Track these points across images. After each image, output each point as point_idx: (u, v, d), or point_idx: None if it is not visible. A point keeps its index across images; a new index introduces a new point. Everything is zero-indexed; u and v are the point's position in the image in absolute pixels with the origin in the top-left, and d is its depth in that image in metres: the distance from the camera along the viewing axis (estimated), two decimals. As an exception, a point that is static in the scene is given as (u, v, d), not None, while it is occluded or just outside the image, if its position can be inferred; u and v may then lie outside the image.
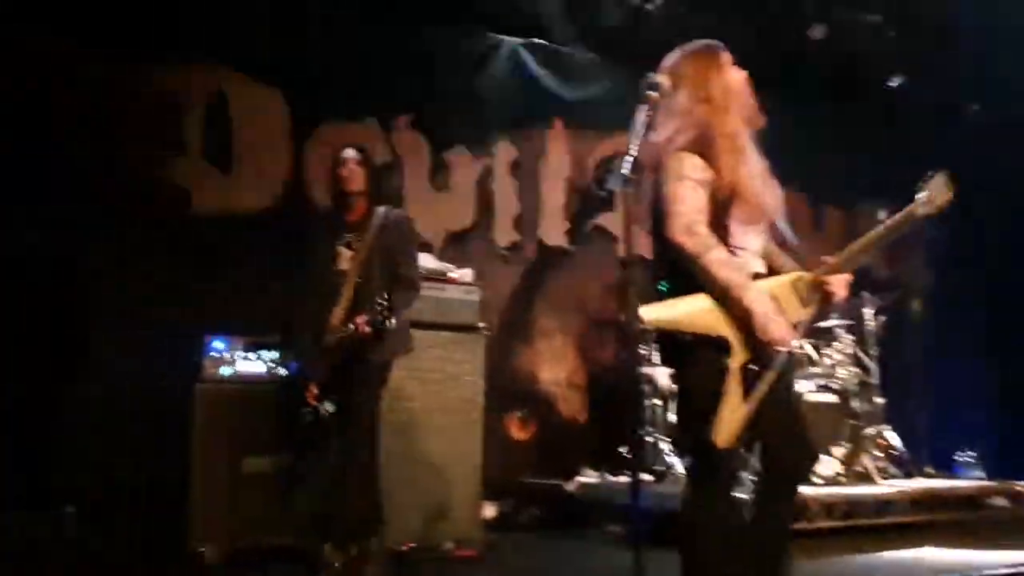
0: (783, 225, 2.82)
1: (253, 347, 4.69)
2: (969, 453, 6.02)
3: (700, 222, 2.57)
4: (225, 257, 5.27)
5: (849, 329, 5.85)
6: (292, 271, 4.51)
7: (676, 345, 2.66)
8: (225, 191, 5.50)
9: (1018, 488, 5.47)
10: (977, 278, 7.26)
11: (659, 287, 2.74)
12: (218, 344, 4.64)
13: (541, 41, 6.66)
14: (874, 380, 5.89)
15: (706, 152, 2.62)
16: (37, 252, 4.78)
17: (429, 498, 4.62)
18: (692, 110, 2.70)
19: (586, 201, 6.72)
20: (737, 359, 2.55)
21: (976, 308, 7.34)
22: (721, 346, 2.57)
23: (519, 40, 6.62)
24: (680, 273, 2.60)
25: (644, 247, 2.69)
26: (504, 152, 6.58)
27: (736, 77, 2.77)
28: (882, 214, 6.16)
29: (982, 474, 5.93)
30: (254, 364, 4.67)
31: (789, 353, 2.69)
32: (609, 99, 6.58)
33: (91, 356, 4.91)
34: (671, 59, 2.81)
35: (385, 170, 5.98)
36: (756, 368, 2.56)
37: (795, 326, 2.60)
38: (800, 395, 5.21)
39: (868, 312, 5.95)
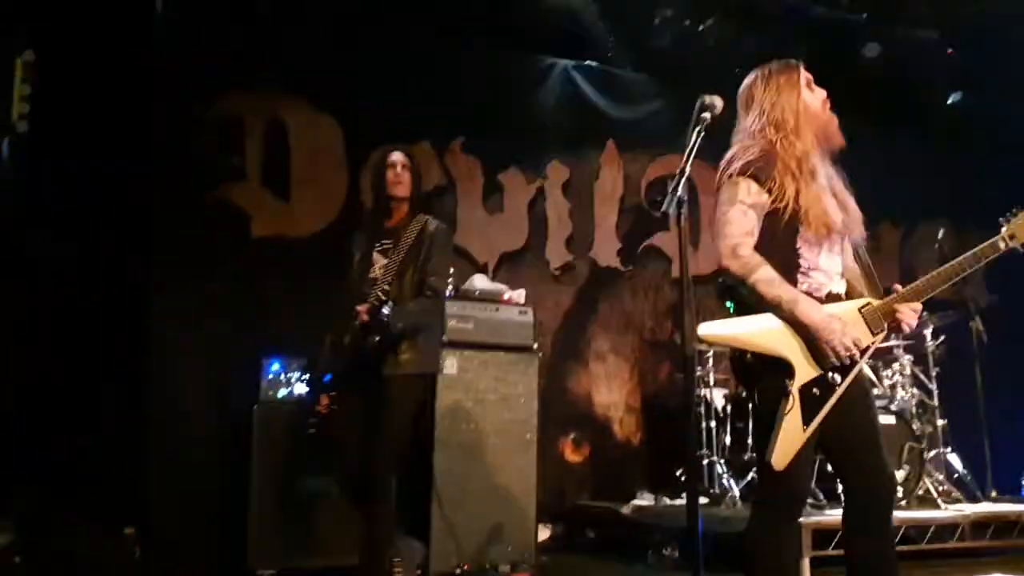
0: (862, 250, 2.80)
1: (309, 369, 4.77)
2: (1035, 476, 5.86)
3: (746, 244, 2.59)
4: (283, 280, 5.38)
5: (908, 350, 5.74)
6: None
7: (744, 365, 2.68)
8: (283, 216, 5.63)
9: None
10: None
11: (727, 305, 2.76)
12: (275, 367, 4.74)
13: (593, 63, 6.71)
14: (935, 402, 5.77)
15: (764, 175, 2.63)
16: (103, 275, 4.92)
17: (484, 520, 4.65)
18: (757, 132, 2.72)
19: (639, 222, 6.73)
20: (798, 381, 2.54)
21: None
22: (782, 367, 2.57)
23: (572, 62, 6.68)
24: (742, 294, 2.63)
25: (698, 267, 2.71)
26: (557, 173, 6.62)
27: (812, 98, 2.76)
28: (941, 232, 6.14)
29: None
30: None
31: (860, 373, 2.67)
32: (661, 120, 6.60)
33: (153, 379, 5.03)
34: (747, 79, 2.84)
35: (438, 192, 6.09)
36: (818, 391, 2.54)
37: (863, 350, 2.59)
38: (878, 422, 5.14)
39: (928, 333, 5.84)
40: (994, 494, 5.79)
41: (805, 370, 2.54)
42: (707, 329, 2.62)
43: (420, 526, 4.57)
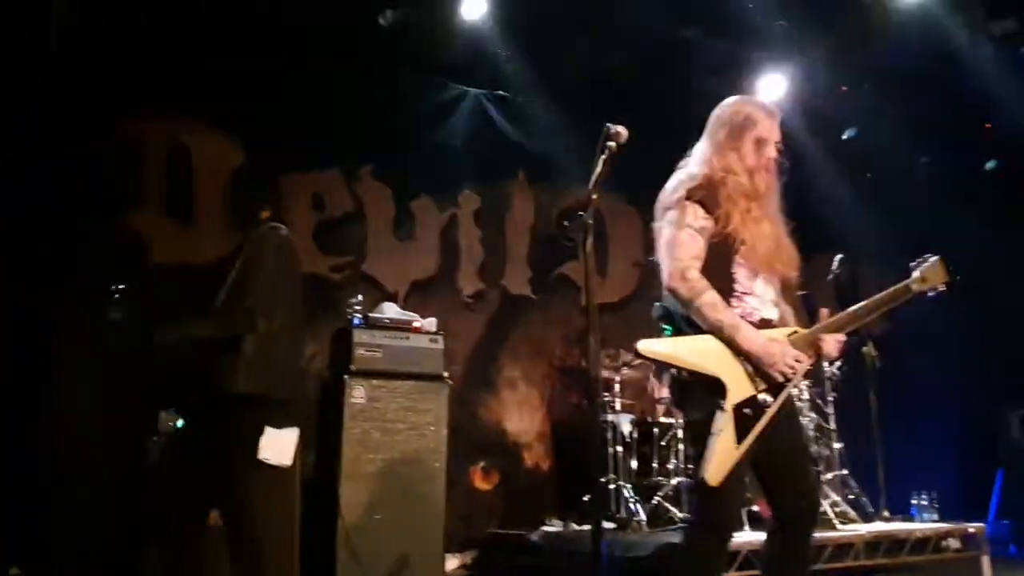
0: (792, 287, 2.92)
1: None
2: (924, 496, 6.11)
3: (693, 268, 2.70)
4: (184, 306, 5.23)
5: (807, 375, 5.94)
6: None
7: (680, 385, 2.78)
8: (185, 242, 5.49)
9: (970, 530, 5.56)
10: (932, 328, 7.45)
11: (663, 328, 2.84)
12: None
13: (505, 93, 6.79)
14: (832, 425, 5.99)
15: (711, 201, 2.74)
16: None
17: (391, 550, 4.60)
18: (710, 159, 2.85)
19: (550, 251, 6.81)
20: (731, 400, 2.61)
21: (930, 356, 7.52)
22: (716, 386, 2.65)
23: (483, 91, 6.75)
24: (682, 317, 2.74)
25: (605, 295, 2.80)
26: (469, 202, 6.66)
27: (758, 153, 2.85)
28: (836, 262, 6.40)
29: (936, 517, 6.02)
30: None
31: (788, 397, 2.77)
32: (573, 151, 6.71)
33: (47, 408, 4.83)
34: (716, 109, 2.95)
35: (347, 220, 6.06)
36: (751, 411, 2.62)
37: (799, 371, 2.69)
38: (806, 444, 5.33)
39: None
40: (886, 514, 6.02)
41: (738, 390, 2.63)
42: (646, 346, 2.69)
43: (325, 558, 4.49)
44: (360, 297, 5.17)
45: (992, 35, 6.25)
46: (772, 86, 6.69)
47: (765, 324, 2.74)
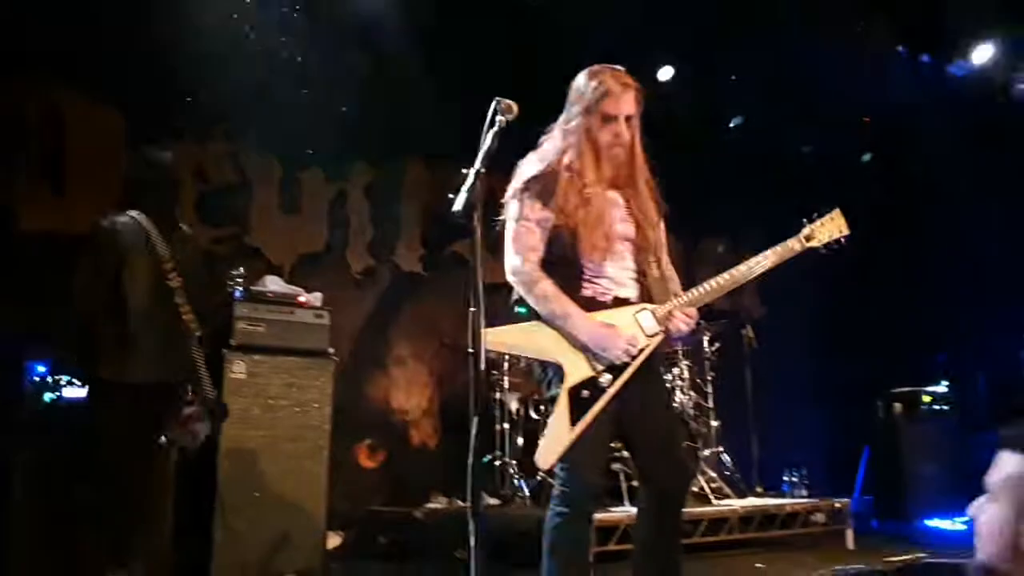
0: (662, 260, 2.92)
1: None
2: (795, 473, 6.40)
3: (529, 260, 2.73)
4: (54, 279, 4.98)
5: (687, 355, 6.13)
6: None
7: (540, 367, 2.79)
8: (56, 211, 5.21)
9: (837, 505, 5.86)
10: (806, 312, 7.79)
11: (518, 311, 2.86)
12: (41, 368, 4.38)
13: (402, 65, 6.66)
14: (710, 404, 6.19)
15: (548, 192, 2.74)
16: None
17: (271, 528, 4.49)
18: (561, 136, 2.83)
19: (443, 228, 6.77)
20: (568, 383, 2.65)
21: (804, 339, 7.86)
22: (555, 370, 2.69)
23: (380, 63, 6.59)
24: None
25: (499, 274, 2.79)
26: (360, 175, 6.55)
27: (607, 129, 2.78)
28: (721, 248, 6.62)
29: (805, 493, 6.31)
30: (82, 389, 4.42)
31: (657, 373, 2.82)
32: (470, 126, 6.65)
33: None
34: (579, 76, 2.87)
35: (231, 191, 5.88)
36: (588, 393, 2.66)
37: (638, 351, 2.72)
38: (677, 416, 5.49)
39: (705, 339, 6.26)
40: (759, 490, 6.27)
41: (575, 373, 2.67)
42: (491, 336, 2.69)
43: (201, 536, 4.37)
44: (242, 270, 5.02)
45: (867, 32, 6.51)
46: (663, 73, 6.81)
47: (621, 303, 2.78)
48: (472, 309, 2.54)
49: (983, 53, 6.93)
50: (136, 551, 3.48)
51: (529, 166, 2.82)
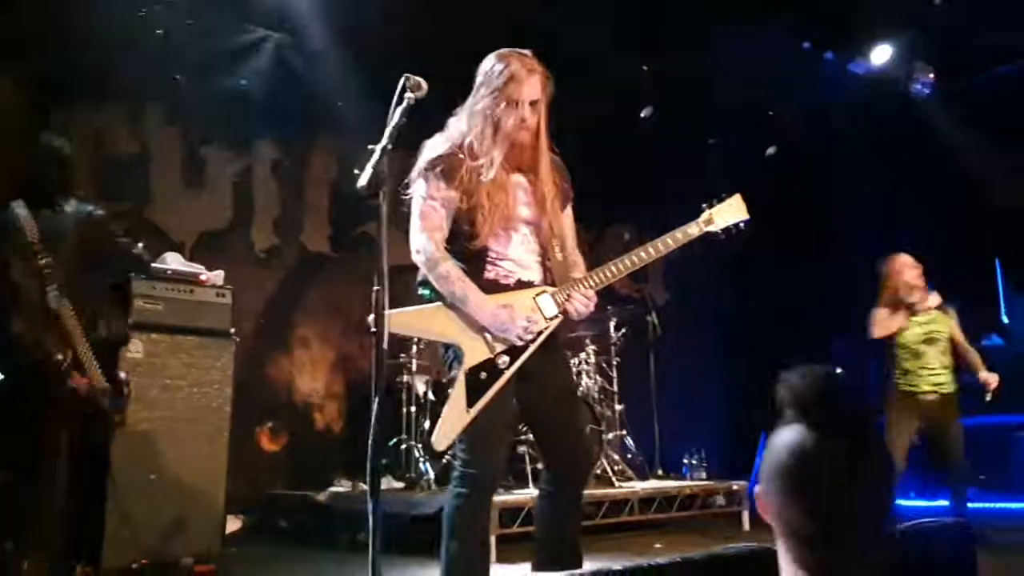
0: (569, 242, 2.92)
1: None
2: (695, 456, 6.57)
3: (432, 239, 2.71)
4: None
5: (593, 340, 6.21)
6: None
7: (444, 348, 2.77)
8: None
9: (734, 487, 6.04)
10: (710, 299, 7.98)
11: (421, 293, 2.83)
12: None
13: (311, 43, 6.51)
14: (615, 388, 6.30)
15: (451, 173, 2.72)
16: None
17: (167, 512, 4.36)
18: (467, 118, 2.80)
19: (352, 208, 6.66)
20: (465, 365, 2.64)
21: (707, 325, 8.05)
22: (455, 352, 2.68)
23: (289, 39, 6.44)
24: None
25: (399, 254, 2.76)
26: (266, 152, 6.39)
27: (514, 114, 2.75)
28: (626, 236, 6.71)
29: (704, 475, 6.48)
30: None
31: (560, 354, 2.83)
32: (380, 104, 6.55)
33: None
34: (486, 59, 2.84)
35: (131, 163, 5.66)
36: (486, 375, 2.66)
37: (537, 332, 2.73)
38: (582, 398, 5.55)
39: (611, 325, 6.35)
40: (660, 472, 6.41)
41: (474, 355, 2.66)
42: (393, 318, 2.65)
43: (94, 520, 4.21)
44: (141, 246, 4.83)
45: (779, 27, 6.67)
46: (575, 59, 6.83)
47: (524, 285, 2.79)
48: (376, 288, 2.50)
49: (882, 53, 7.18)
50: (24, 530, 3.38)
51: (435, 146, 2.80)
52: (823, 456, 1.31)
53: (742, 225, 2.97)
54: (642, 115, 7.88)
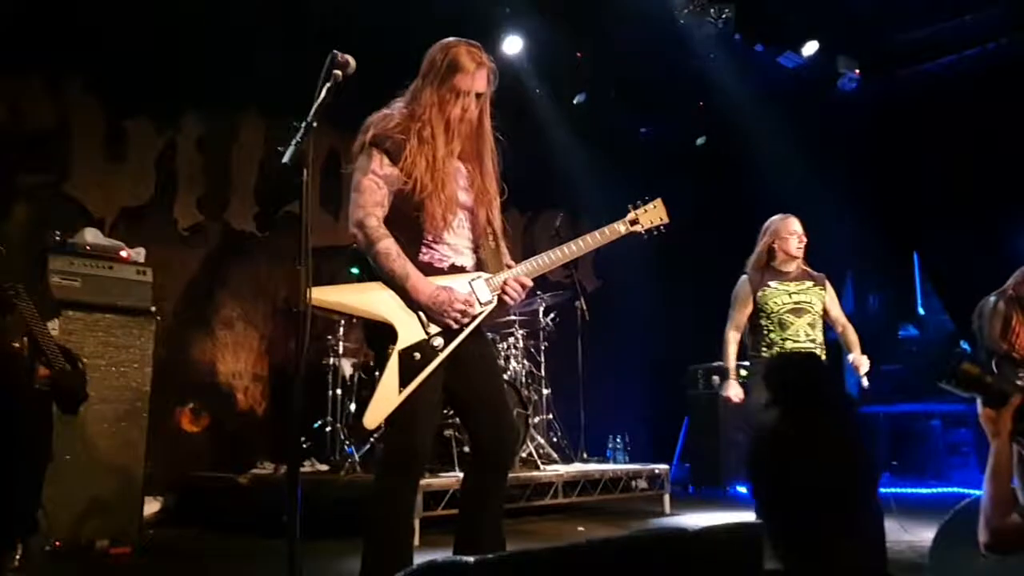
0: (495, 230, 2.93)
1: None
2: (618, 440, 6.67)
3: (374, 216, 2.69)
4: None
5: (523, 325, 6.25)
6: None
7: (369, 328, 2.77)
8: None
9: (656, 471, 6.16)
10: (637, 286, 8.08)
11: (352, 270, 2.82)
12: None
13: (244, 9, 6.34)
14: (542, 372, 6.34)
15: (397, 150, 2.71)
16: None
17: (83, 493, 4.27)
18: (413, 102, 2.79)
19: (280, 186, 6.54)
20: (399, 345, 2.64)
21: (634, 312, 8.16)
22: (388, 331, 2.67)
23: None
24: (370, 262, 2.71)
25: (338, 236, 2.74)
26: (191, 127, 6.23)
27: (462, 103, 2.79)
28: (559, 220, 6.74)
29: (627, 459, 6.59)
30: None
31: (485, 338, 2.84)
32: (311, 80, 6.42)
33: None
34: (434, 46, 2.85)
35: (49, 135, 5.46)
36: (419, 355, 2.66)
37: (472, 316, 2.74)
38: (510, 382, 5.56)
39: (540, 310, 6.39)
40: (585, 456, 6.50)
41: (407, 335, 2.66)
42: (317, 294, 2.63)
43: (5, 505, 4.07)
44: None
45: (711, 19, 6.76)
46: (510, 45, 6.82)
47: (457, 270, 2.80)
48: (300, 267, 2.47)
49: (811, 47, 7.33)
50: None
51: (380, 123, 2.78)
52: (788, 430, 1.36)
53: (663, 228, 3.06)
54: (575, 101, 7.93)
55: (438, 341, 2.69)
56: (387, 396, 2.61)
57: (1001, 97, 7.27)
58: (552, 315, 6.48)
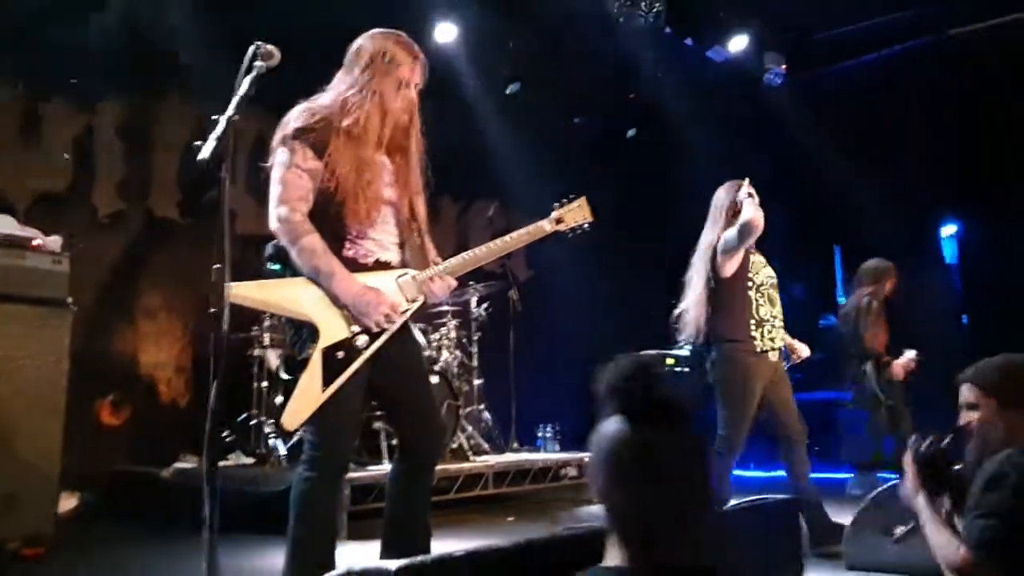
0: (419, 225, 2.91)
1: None
2: (549, 429, 6.71)
3: (297, 210, 2.64)
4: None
5: (455, 315, 6.23)
6: None
7: (292, 325, 2.75)
8: None
9: (586, 459, 6.20)
10: (568, 275, 8.13)
11: (273, 267, 2.78)
12: None
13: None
14: (474, 363, 6.34)
15: (321, 143, 2.67)
16: None
17: (-6, 490, 4.11)
18: (341, 93, 2.75)
19: (204, 173, 6.35)
20: (321, 343, 2.61)
21: (565, 301, 8.21)
22: (311, 329, 2.63)
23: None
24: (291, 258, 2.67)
25: (255, 223, 2.69)
26: (112, 111, 6.04)
27: (399, 96, 2.78)
28: (492, 209, 6.75)
29: (558, 448, 6.64)
30: None
31: (411, 335, 2.83)
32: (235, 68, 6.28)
33: None
34: (364, 37, 2.83)
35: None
36: (343, 354, 2.63)
37: (400, 313, 2.72)
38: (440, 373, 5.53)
39: (473, 300, 6.38)
40: (516, 446, 6.52)
41: (331, 333, 2.62)
42: (238, 290, 2.59)
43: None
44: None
45: (642, 12, 6.80)
46: (443, 33, 6.76)
47: (382, 266, 2.78)
48: (217, 266, 2.43)
49: (739, 42, 7.44)
50: None
51: (303, 115, 2.73)
52: (637, 443, 1.37)
53: (587, 226, 3.05)
54: (508, 91, 7.91)
55: (362, 340, 2.67)
56: (309, 396, 2.58)
57: (917, 95, 7.51)
58: (485, 305, 6.48)
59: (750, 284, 4.16)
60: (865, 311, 5.98)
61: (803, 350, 4.41)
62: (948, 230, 8.81)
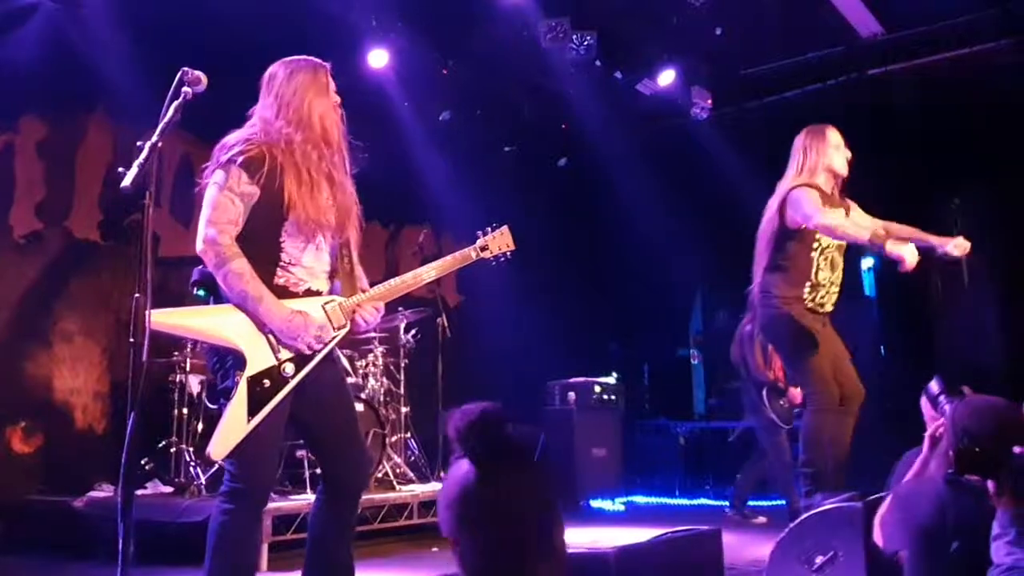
0: (350, 251, 2.90)
1: None
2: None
3: (226, 233, 2.62)
4: None
5: (382, 342, 6.18)
6: None
7: (215, 353, 2.71)
8: None
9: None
10: (497, 303, 8.18)
11: (197, 293, 2.74)
12: None
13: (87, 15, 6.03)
14: (401, 390, 6.29)
15: (256, 167, 2.64)
16: None
17: None
18: (267, 120, 2.74)
19: (128, 194, 6.21)
20: (247, 372, 2.58)
21: (494, 328, 8.24)
22: (237, 357, 2.60)
23: (61, 8, 5.93)
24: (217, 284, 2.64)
25: (179, 246, 2.66)
26: (31, 130, 5.87)
27: (326, 103, 2.80)
28: (422, 236, 6.74)
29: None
30: None
31: (338, 364, 2.83)
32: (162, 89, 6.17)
33: None
34: (276, 65, 2.82)
35: None
36: (269, 383, 2.60)
37: (326, 342, 2.71)
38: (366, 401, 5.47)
39: (401, 326, 6.35)
40: (442, 474, 6.47)
41: (256, 362, 2.59)
42: (160, 317, 2.55)
43: None
44: None
45: (573, 45, 6.90)
46: (375, 59, 6.75)
47: (313, 294, 2.77)
48: (137, 296, 2.39)
49: (667, 76, 7.60)
50: None
51: (239, 139, 2.71)
52: (482, 489, 1.40)
53: (509, 255, 3.10)
54: (440, 118, 7.95)
55: (289, 368, 2.65)
56: (234, 426, 2.55)
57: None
58: (413, 332, 6.45)
59: (815, 245, 3.98)
60: (748, 340, 6.00)
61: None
62: (867, 263, 9.09)
